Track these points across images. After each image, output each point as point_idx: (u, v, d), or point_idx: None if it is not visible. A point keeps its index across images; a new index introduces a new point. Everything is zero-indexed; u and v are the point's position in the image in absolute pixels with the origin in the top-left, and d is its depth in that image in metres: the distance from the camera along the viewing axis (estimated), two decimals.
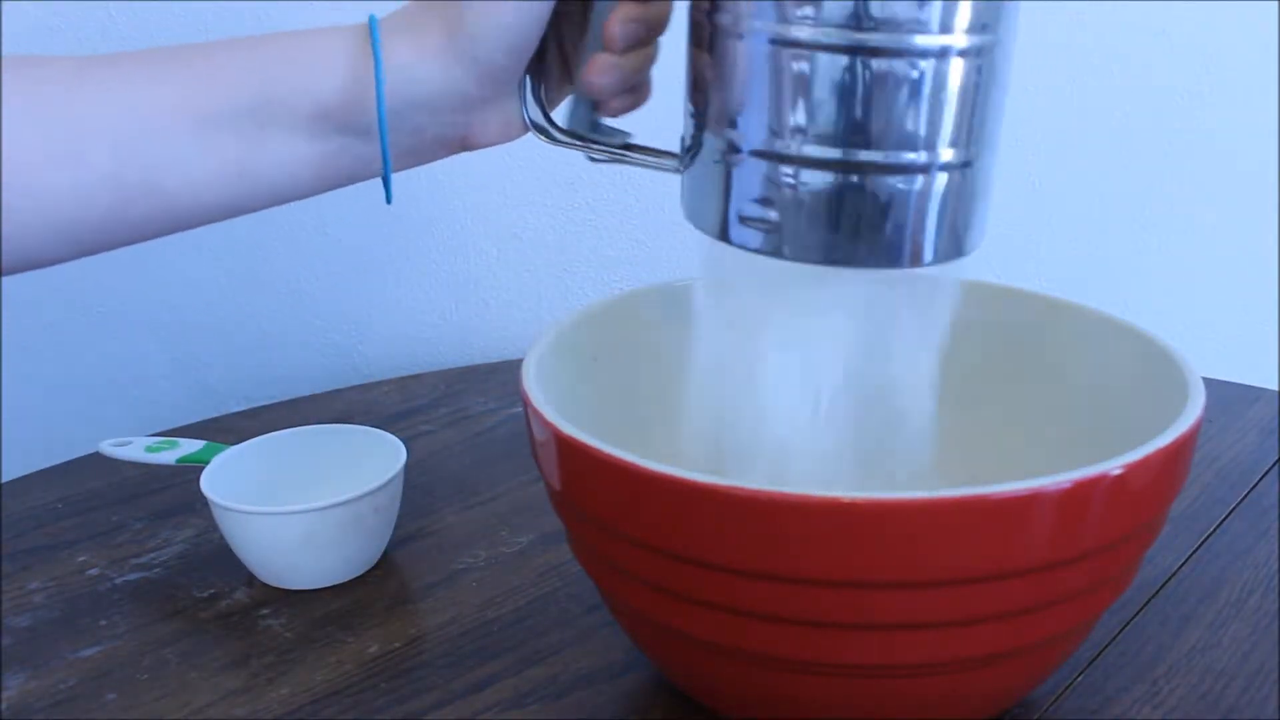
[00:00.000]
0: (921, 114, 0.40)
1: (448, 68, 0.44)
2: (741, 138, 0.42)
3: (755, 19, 0.41)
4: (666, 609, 0.43)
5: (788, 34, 0.40)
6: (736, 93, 0.42)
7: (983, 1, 0.40)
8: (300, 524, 0.57)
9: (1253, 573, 0.59)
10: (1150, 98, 1.04)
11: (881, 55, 0.39)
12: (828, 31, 0.39)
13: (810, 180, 0.41)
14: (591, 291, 0.96)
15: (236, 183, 0.46)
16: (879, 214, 0.41)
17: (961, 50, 0.40)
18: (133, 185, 0.44)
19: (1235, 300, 1.11)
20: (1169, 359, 0.48)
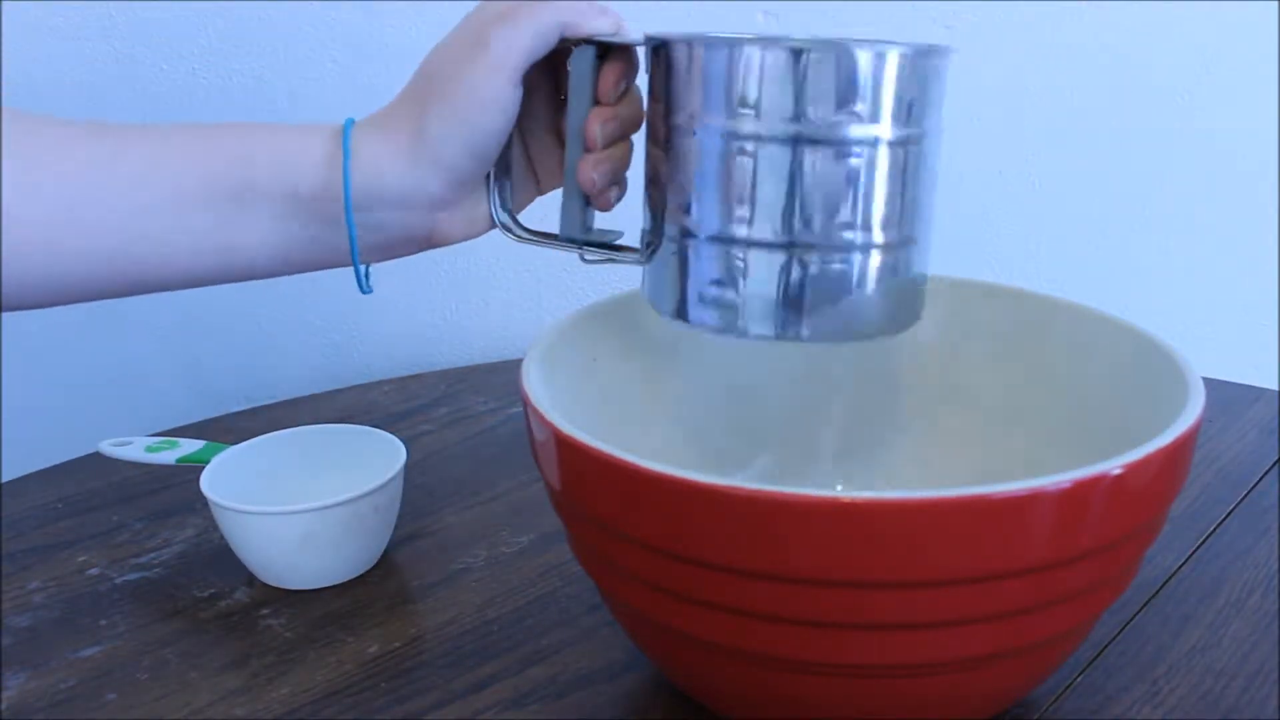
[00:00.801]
0: (858, 199, 0.44)
1: (414, 168, 0.47)
2: (696, 225, 0.46)
3: (705, 116, 0.45)
4: (666, 609, 0.43)
5: (734, 128, 0.44)
6: (690, 184, 0.46)
7: (911, 96, 0.44)
8: (300, 524, 0.57)
9: (1253, 573, 0.59)
10: (1150, 97, 1.04)
11: (818, 145, 0.43)
12: (769, 125, 0.43)
13: (759, 262, 0.45)
14: (591, 291, 0.96)
15: (213, 259, 0.48)
16: (823, 292, 0.45)
17: (891, 140, 0.44)
18: (117, 255, 0.47)
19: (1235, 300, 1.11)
20: (1169, 359, 0.48)
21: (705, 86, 0.44)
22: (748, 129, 0.44)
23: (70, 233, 0.46)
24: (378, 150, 0.47)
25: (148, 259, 0.47)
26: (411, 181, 0.48)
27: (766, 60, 0.43)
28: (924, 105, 0.45)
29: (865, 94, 0.43)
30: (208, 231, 0.47)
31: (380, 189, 0.48)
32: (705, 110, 0.45)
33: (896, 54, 0.43)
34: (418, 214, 0.49)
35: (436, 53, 0.48)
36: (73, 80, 0.81)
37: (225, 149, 0.47)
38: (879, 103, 0.43)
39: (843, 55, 0.43)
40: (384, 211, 0.48)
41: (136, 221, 0.46)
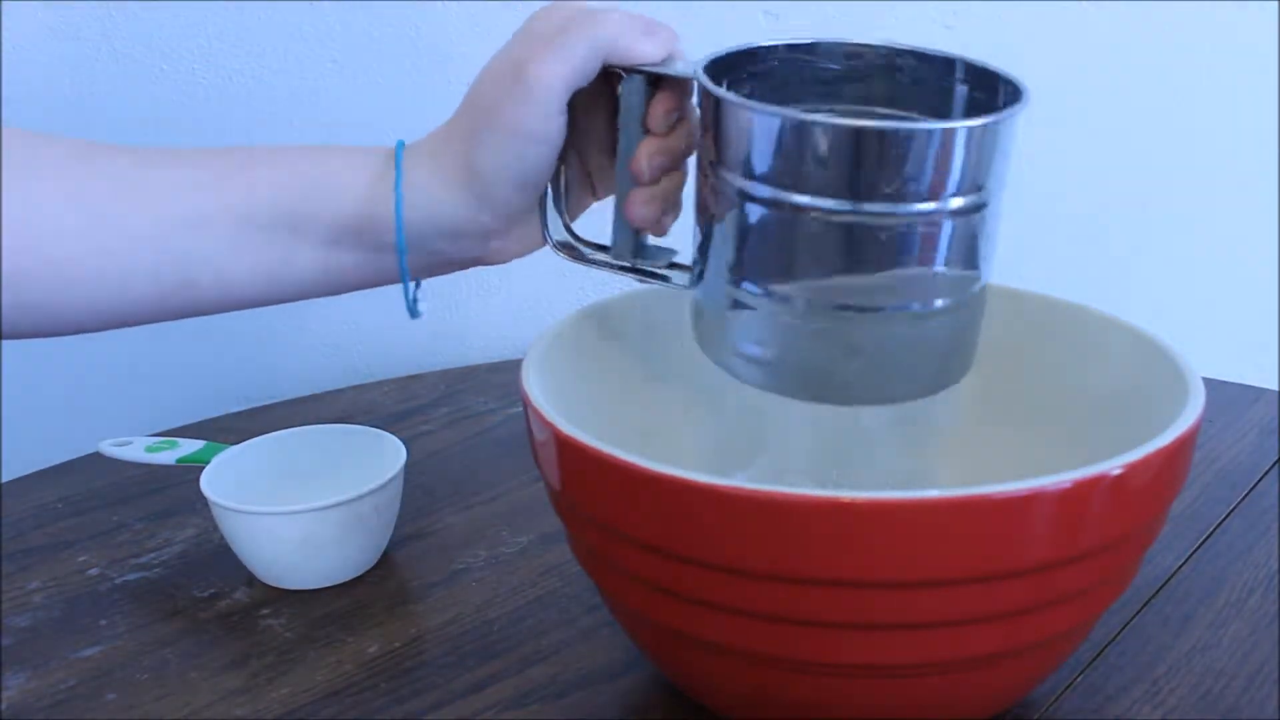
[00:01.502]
0: (918, 269, 0.42)
1: (466, 201, 0.47)
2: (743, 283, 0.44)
3: (756, 183, 0.42)
4: (666, 609, 0.43)
5: (787, 199, 0.42)
6: (737, 243, 0.44)
7: (978, 165, 0.41)
8: (300, 524, 0.57)
9: (1253, 573, 0.59)
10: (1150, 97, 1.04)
11: (877, 220, 0.41)
12: (825, 201, 0.41)
13: (808, 326, 0.43)
14: (591, 291, 0.96)
15: (266, 284, 0.49)
16: (876, 357, 0.43)
17: (953, 211, 0.42)
18: (170, 280, 0.47)
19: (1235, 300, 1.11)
20: (1169, 359, 0.48)
21: (756, 153, 0.42)
22: (801, 202, 0.41)
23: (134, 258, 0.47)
24: (429, 181, 0.47)
25: (205, 284, 0.48)
26: (465, 215, 0.47)
27: (823, 137, 0.40)
28: (990, 169, 0.42)
29: (929, 172, 0.41)
30: (263, 256, 0.48)
31: (433, 221, 0.48)
32: (756, 176, 0.42)
33: (965, 131, 0.41)
34: (470, 242, 0.49)
35: (480, 81, 0.47)
36: (72, 80, 0.81)
37: (280, 174, 0.48)
38: (944, 178, 0.41)
39: (907, 137, 0.40)
40: (437, 241, 0.48)
41: (197, 248, 0.47)
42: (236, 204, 0.47)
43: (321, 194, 0.47)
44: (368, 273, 0.50)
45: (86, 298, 0.47)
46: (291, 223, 0.47)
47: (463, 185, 0.47)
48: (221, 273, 0.48)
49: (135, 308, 0.48)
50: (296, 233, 0.48)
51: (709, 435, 0.59)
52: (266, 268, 0.48)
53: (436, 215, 0.47)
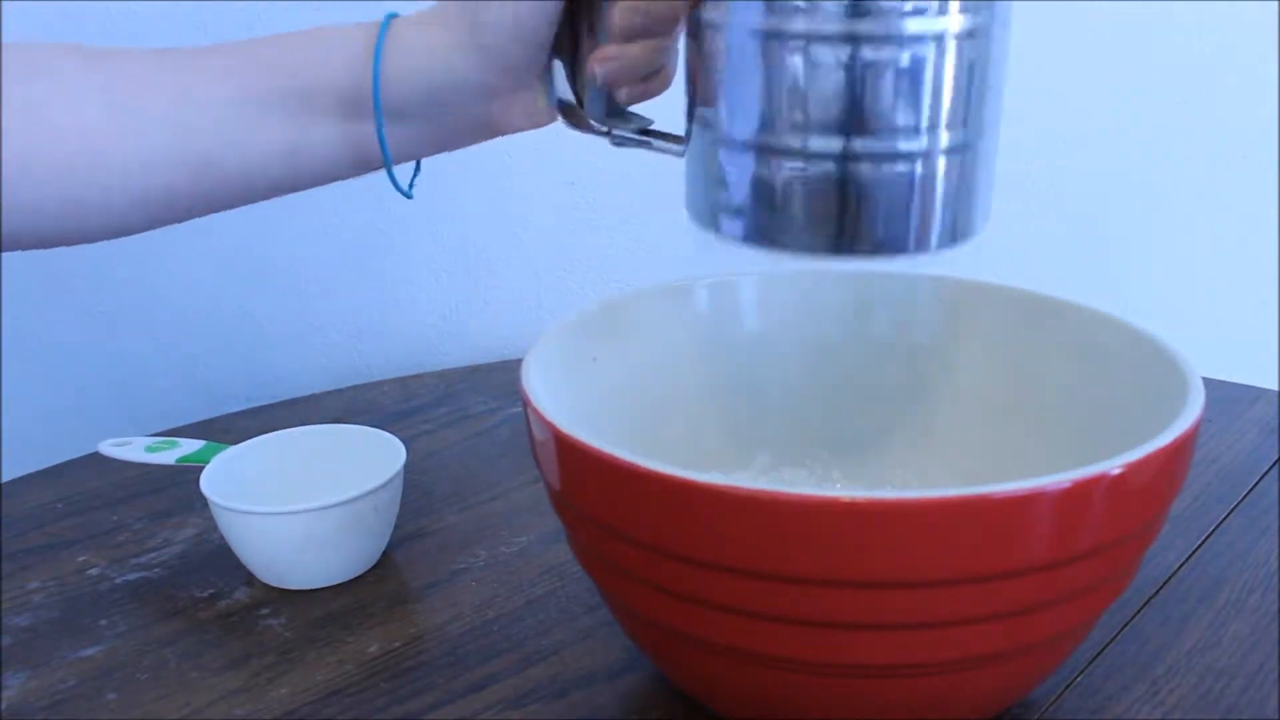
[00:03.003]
0: (919, 100, 0.40)
1: (466, 58, 0.47)
2: (737, 131, 0.42)
3: (743, 13, 0.40)
4: (666, 609, 0.43)
5: (779, 26, 0.40)
6: (729, 88, 0.42)
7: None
8: (300, 524, 0.57)
9: (1253, 573, 0.59)
10: (1150, 97, 1.04)
11: (874, 42, 0.39)
12: (819, 21, 0.39)
13: (809, 171, 0.41)
14: (591, 291, 0.96)
15: (286, 162, 0.50)
16: (880, 203, 0.41)
17: (956, 33, 0.39)
18: (193, 161, 0.49)
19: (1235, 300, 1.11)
20: (1169, 359, 0.48)
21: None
22: (794, 27, 0.39)
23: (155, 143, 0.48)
24: (430, 42, 0.48)
25: (228, 166, 0.49)
26: (464, 72, 0.48)
27: None
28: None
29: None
30: (279, 134, 0.49)
31: (435, 82, 0.48)
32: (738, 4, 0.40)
33: None
34: (474, 104, 0.49)
35: None
36: None
37: (287, 54, 0.49)
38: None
39: None
40: (440, 103, 0.49)
41: (215, 129, 0.48)
42: (250, 84, 0.48)
43: (326, 68, 0.49)
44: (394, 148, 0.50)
45: (114, 187, 0.48)
46: (303, 98, 0.49)
47: (466, 39, 0.47)
48: (242, 152, 0.49)
49: (161, 195, 0.49)
50: (308, 108, 0.49)
51: (709, 435, 0.59)
52: (284, 144, 0.49)
53: (438, 73, 0.48)
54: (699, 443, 0.58)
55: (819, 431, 0.59)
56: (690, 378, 0.58)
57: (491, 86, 0.48)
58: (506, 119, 0.50)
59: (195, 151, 0.49)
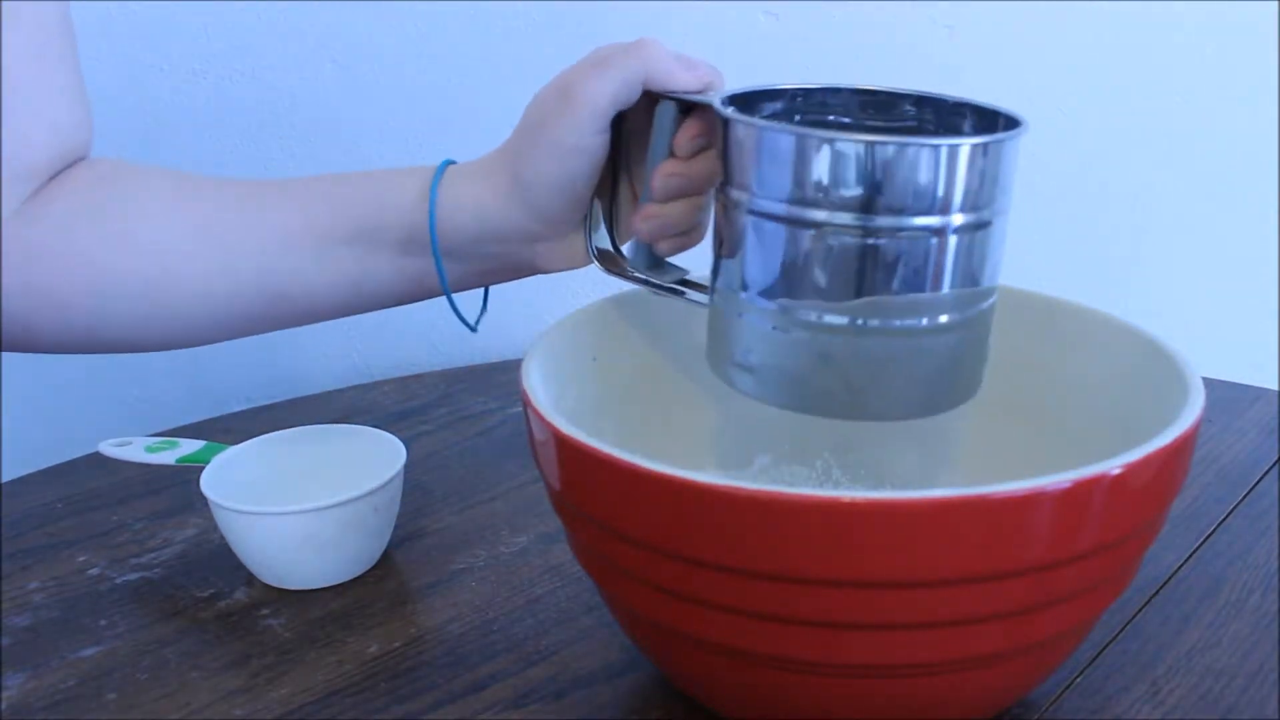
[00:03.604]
0: (921, 284, 0.43)
1: (510, 210, 0.51)
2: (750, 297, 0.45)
3: (762, 198, 0.44)
4: (666, 609, 0.43)
5: (792, 214, 0.43)
6: (746, 260, 0.45)
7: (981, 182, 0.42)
8: (300, 524, 0.57)
9: (1253, 573, 0.59)
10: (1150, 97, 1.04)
11: (881, 236, 0.42)
12: (829, 215, 0.42)
13: (821, 342, 0.44)
14: (591, 291, 0.96)
15: (351, 292, 0.54)
16: (883, 374, 0.44)
17: (959, 227, 0.43)
18: (268, 292, 0.54)
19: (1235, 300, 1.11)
20: (1169, 359, 0.48)
21: (761, 168, 0.43)
22: (807, 217, 0.43)
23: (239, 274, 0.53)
24: (479, 192, 0.51)
25: (296, 296, 0.54)
26: (511, 221, 0.51)
27: (827, 153, 0.41)
28: (995, 186, 0.43)
29: (935, 187, 0.41)
30: (343, 268, 0.53)
31: (483, 227, 0.52)
32: (759, 192, 0.44)
33: (969, 147, 0.42)
34: (518, 248, 0.53)
35: (532, 103, 0.51)
36: None
37: (352, 192, 0.53)
38: (950, 193, 0.42)
39: (911, 153, 0.41)
40: (489, 245, 0.53)
41: (287, 264, 0.53)
42: (321, 222, 0.52)
43: (388, 208, 0.52)
44: (432, 282, 0.54)
45: (196, 310, 0.53)
46: (366, 236, 0.53)
47: (509, 194, 0.51)
48: (311, 284, 0.53)
49: (235, 320, 0.54)
50: (371, 245, 0.53)
51: (709, 435, 0.59)
52: (348, 278, 0.53)
53: (485, 221, 0.52)
54: (699, 443, 0.58)
55: (819, 431, 0.59)
56: (690, 378, 0.58)
57: (533, 234, 0.52)
58: (547, 261, 0.53)
59: (270, 284, 0.53)
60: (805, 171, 0.42)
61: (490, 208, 0.51)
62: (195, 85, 0.85)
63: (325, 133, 0.88)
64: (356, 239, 0.53)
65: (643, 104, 0.49)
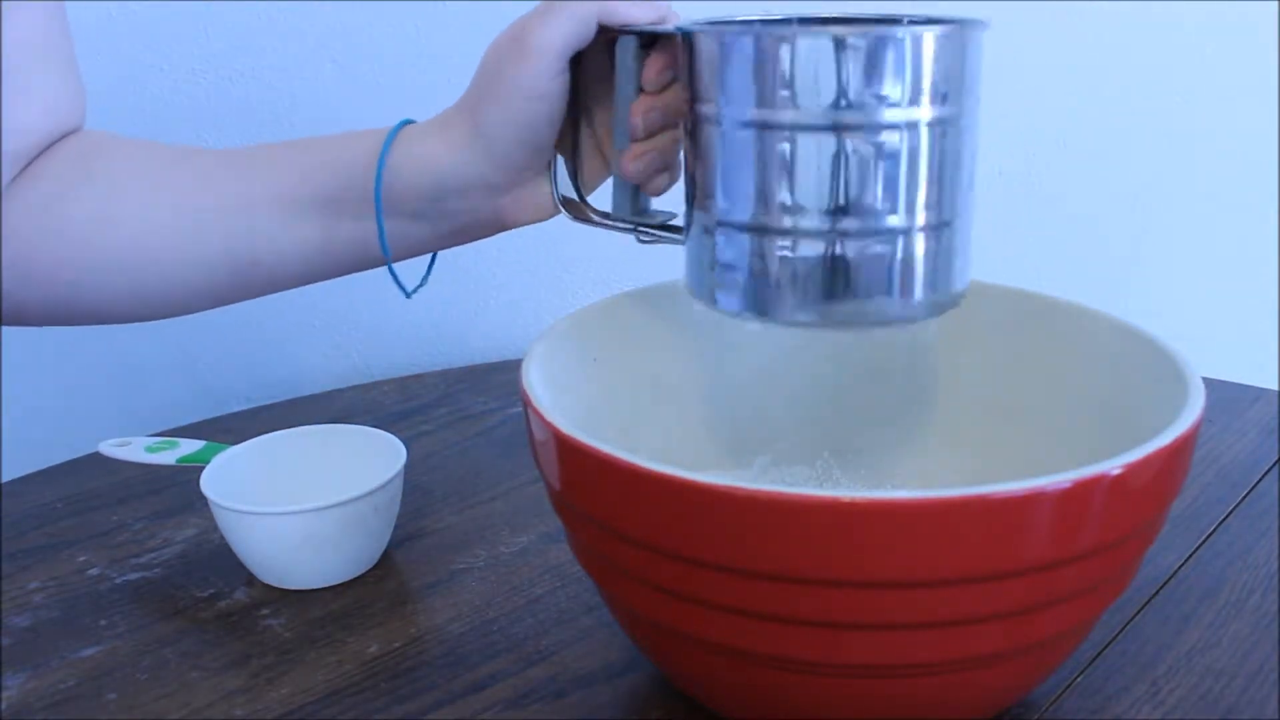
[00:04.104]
0: (895, 183, 0.43)
1: (471, 159, 0.51)
2: (725, 214, 0.45)
3: (731, 106, 0.44)
4: (666, 609, 0.43)
5: (762, 118, 0.43)
6: (717, 174, 0.45)
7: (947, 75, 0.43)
8: (300, 524, 0.57)
9: (1253, 573, 0.59)
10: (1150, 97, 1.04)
11: (852, 132, 0.42)
12: (799, 114, 0.42)
13: (793, 250, 0.44)
14: (591, 291, 0.96)
15: (318, 258, 0.55)
16: (861, 278, 0.44)
17: (929, 122, 0.43)
18: (240, 260, 0.54)
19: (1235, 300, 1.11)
20: (1169, 359, 0.48)
21: (729, 77, 0.43)
22: (777, 119, 0.42)
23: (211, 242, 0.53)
24: (438, 146, 0.51)
25: (268, 262, 0.54)
26: (471, 172, 0.51)
27: (793, 50, 0.42)
28: (961, 82, 0.43)
29: (900, 79, 0.42)
30: (309, 233, 0.53)
31: (444, 181, 0.51)
32: (731, 101, 0.43)
33: (932, 36, 0.42)
34: (481, 201, 0.52)
35: (487, 52, 0.50)
36: None
37: (312, 158, 0.53)
38: (916, 85, 0.42)
39: (875, 42, 0.41)
40: (450, 200, 0.52)
41: (258, 228, 0.53)
42: (285, 189, 0.53)
43: (347, 172, 0.52)
44: (400, 242, 0.54)
45: (174, 281, 0.54)
46: (329, 200, 0.53)
47: (469, 144, 0.50)
48: (280, 251, 0.54)
49: (211, 289, 0.55)
50: (334, 208, 0.53)
51: (709, 436, 0.59)
52: (316, 243, 0.54)
53: (445, 174, 0.51)
54: (699, 443, 0.58)
55: (819, 431, 0.59)
56: (690, 378, 0.58)
57: (496, 185, 0.52)
58: (513, 214, 0.53)
59: (241, 251, 0.54)
60: (766, 72, 0.42)
61: (449, 162, 0.51)
62: (195, 85, 0.85)
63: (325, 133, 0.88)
64: (321, 204, 0.53)
65: (599, 45, 0.49)
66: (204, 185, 0.54)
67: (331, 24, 0.87)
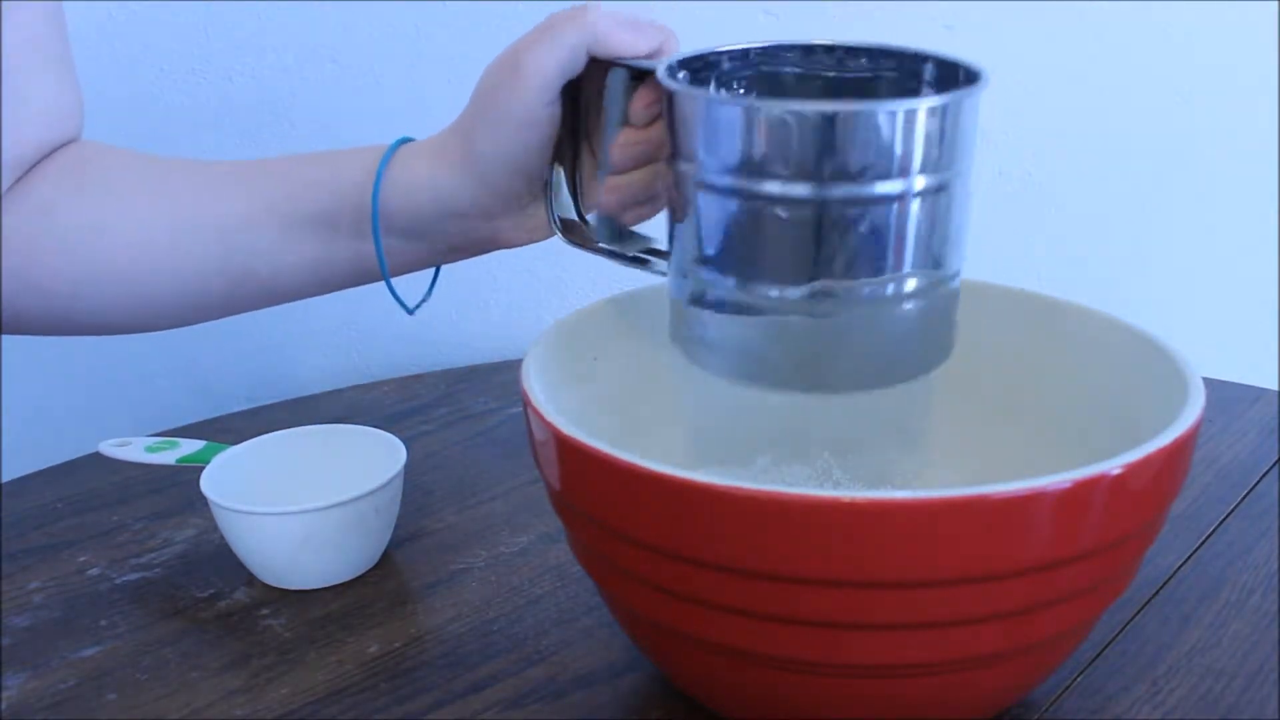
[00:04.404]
0: (885, 251, 0.42)
1: (465, 185, 0.51)
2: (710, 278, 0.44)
3: (712, 173, 0.42)
4: (666, 609, 0.43)
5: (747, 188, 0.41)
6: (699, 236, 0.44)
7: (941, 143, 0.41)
8: (300, 524, 0.57)
9: (1253, 573, 0.59)
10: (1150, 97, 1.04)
11: (840, 206, 0.40)
12: (785, 187, 0.40)
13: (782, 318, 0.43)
14: (591, 292, 0.96)
15: (314, 273, 0.55)
16: (851, 344, 0.43)
17: (921, 191, 0.41)
18: (234, 273, 0.54)
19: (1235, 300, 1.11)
20: (1169, 359, 0.48)
21: (705, 140, 0.42)
22: (758, 190, 0.41)
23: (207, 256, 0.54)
24: (433, 169, 0.51)
25: (264, 276, 0.54)
26: (464, 197, 0.51)
27: (777, 122, 0.40)
28: (955, 146, 0.42)
29: (891, 153, 0.40)
30: (306, 249, 0.54)
31: (439, 204, 0.52)
32: (709, 164, 0.42)
33: (925, 109, 0.40)
34: (476, 223, 0.53)
35: (483, 75, 0.51)
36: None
37: (311, 174, 0.54)
38: (908, 157, 0.40)
39: (865, 118, 0.39)
40: (446, 223, 0.53)
41: (252, 244, 0.53)
42: (282, 204, 0.53)
43: (343, 189, 0.52)
44: (398, 259, 0.54)
45: (169, 293, 0.55)
46: (325, 217, 0.53)
47: (463, 169, 0.51)
48: (276, 265, 0.54)
49: (205, 301, 0.56)
50: (330, 225, 0.53)
51: (709, 435, 0.59)
52: (312, 258, 0.54)
53: (440, 198, 0.51)
54: (699, 443, 0.58)
55: (819, 431, 0.59)
56: (691, 377, 0.58)
57: (490, 210, 0.52)
58: (509, 236, 0.53)
59: (237, 264, 0.54)
60: (752, 143, 0.40)
61: (444, 184, 0.51)
62: (195, 85, 0.85)
63: (325, 133, 0.88)
64: (318, 220, 0.53)
65: (599, 68, 0.48)
66: (201, 198, 0.54)
67: (331, 24, 0.87)
